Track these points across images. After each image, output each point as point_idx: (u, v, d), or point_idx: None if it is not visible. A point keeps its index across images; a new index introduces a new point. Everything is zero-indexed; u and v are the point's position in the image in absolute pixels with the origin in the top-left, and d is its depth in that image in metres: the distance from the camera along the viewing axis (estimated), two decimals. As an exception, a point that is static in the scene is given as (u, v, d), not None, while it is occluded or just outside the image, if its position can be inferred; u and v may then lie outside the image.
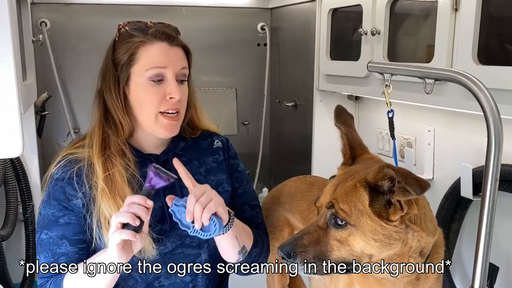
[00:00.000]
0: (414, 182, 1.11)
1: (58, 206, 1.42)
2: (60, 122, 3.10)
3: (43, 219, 1.44)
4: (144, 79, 1.38)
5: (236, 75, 3.45)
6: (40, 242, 1.44)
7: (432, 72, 1.35)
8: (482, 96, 1.16)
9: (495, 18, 1.73)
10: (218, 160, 1.59)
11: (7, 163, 2.41)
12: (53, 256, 1.42)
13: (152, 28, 1.42)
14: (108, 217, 1.37)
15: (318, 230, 1.24)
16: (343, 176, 1.29)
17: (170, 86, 1.38)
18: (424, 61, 1.94)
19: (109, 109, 1.43)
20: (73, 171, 1.42)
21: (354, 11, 2.37)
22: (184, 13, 3.23)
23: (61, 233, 1.42)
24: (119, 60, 1.41)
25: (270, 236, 1.80)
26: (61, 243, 1.42)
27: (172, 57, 1.40)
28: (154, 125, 1.41)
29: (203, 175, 1.54)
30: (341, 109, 1.45)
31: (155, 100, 1.38)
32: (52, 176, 1.45)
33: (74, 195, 1.41)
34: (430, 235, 1.27)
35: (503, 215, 1.77)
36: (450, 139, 2.16)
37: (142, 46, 1.39)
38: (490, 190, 1.17)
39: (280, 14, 3.32)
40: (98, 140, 1.42)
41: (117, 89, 1.42)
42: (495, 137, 1.15)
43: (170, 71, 1.39)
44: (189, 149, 1.56)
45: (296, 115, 3.17)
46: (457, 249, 2.12)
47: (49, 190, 1.44)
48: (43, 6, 2.94)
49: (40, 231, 1.44)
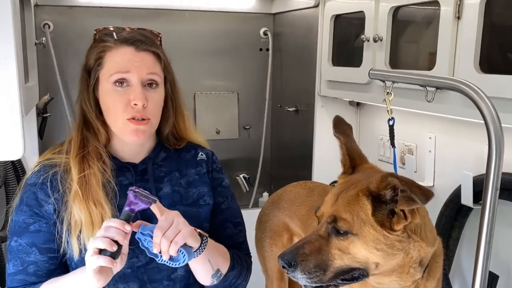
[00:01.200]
0: (419, 191, 1.10)
1: (29, 212, 1.38)
2: (61, 124, 3.10)
3: (14, 226, 1.40)
4: (109, 84, 1.37)
5: (238, 79, 3.45)
6: (10, 250, 1.39)
7: (433, 80, 1.36)
8: (483, 105, 1.16)
9: (497, 27, 1.73)
10: (200, 173, 1.55)
11: (8, 164, 2.41)
12: (22, 264, 1.38)
13: (121, 33, 1.41)
14: (78, 221, 1.34)
15: (319, 239, 1.23)
16: (344, 185, 1.28)
17: (134, 92, 1.35)
18: (426, 69, 1.94)
19: (85, 113, 1.42)
20: (47, 176, 1.39)
21: (357, 17, 2.38)
22: (187, 17, 3.23)
23: (31, 241, 1.38)
24: (89, 64, 1.41)
25: (270, 242, 1.79)
26: (31, 251, 1.37)
27: (137, 61, 1.37)
28: (122, 130, 1.39)
29: (184, 187, 1.50)
30: (340, 119, 1.45)
31: (119, 106, 1.36)
32: (26, 182, 1.42)
33: (45, 201, 1.38)
34: (429, 245, 1.26)
35: (503, 223, 1.77)
36: (451, 146, 2.16)
37: (108, 51, 1.38)
38: (491, 199, 1.17)
39: (282, 19, 3.33)
40: (76, 143, 1.41)
41: (88, 94, 1.41)
42: (496, 146, 1.15)
43: (134, 76, 1.36)
44: (170, 159, 1.52)
45: (298, 121, 3.17)
46: (457, 257, 2.12)
47: (22, 196, 1.41)
48: (47, 9, 2.94)
49: (11, 238, 1.40)
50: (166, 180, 1.49)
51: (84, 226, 1.34)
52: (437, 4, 1.84)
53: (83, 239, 1.35)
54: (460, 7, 1.75)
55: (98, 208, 1.35)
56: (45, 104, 2.73)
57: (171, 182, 1.48)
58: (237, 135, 3.51)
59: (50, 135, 3.01)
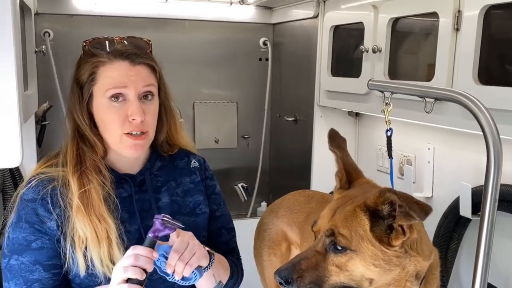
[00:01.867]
0: (417, 206, 1.10)
1: (30, 229, 1.34)
2: (60, 132, 3.05)
3: (12, 244, 1.35)
4: (105, 99, 1.35)
5: (237, 89, 3.46)
6: (9, 268, 1.34)
7: (432, 91, 1.36)
8: (481, 117, 1.16)
9: (496, 39, 1.74)
10: (195, 181, 1.56)
11: (6, 172, 2.40)
12: (25, 283, 1.33)
13: (115, 46, 1.40)
14: (82, 236, 1.32)
15: (316, 255, 1.22)
16: (341, 200, 1.27)
17: (131, 107, 1.34)
18: (425, 80, 1.95)
19: (79, 127, 1.40)
20: (46, 191, 1.35)
21: (356, 28, 2.39)
22: (187, 27, 3.24)
23: (34, 258, 1.34)
24: (81, 79, 1.39)
25: (268, 251, 1.79)
26: (34, 269, 1.33)
27: (133, 76, 1.35)
28: (119, 145, 1.38)
29: (181, 196, 1.51)
30: (335, 132, 1.45)
31: (117, 121, 1.35)
32: (22, 197, 1.37)
33: (47, 217, 1.34)
34: (426, 259, 1.26)
35: (502, 235, 1.77)
36: (449, 157, 2.16)
37: (102, 66, 1.36)
38: (489, 211, 1.17)
39: (282, 29, 3.34)
40: (72, 156, 1.38)
41: (82, 108, 1.39)
42: (495, 158, 1.15)
43: (131, 90, 1.34)
44: (166, 168, 1.52)
45: (296, 130, 3.17)
46: (455, 268, 2.11)
47: (19, 212, 1.36)
48: (47, 17, 2.95)
49: (10, 256, 1.34)
50: (163, 190, 1.49)
51: (90, 242, 1.32)
52: (436, 16, 1.85)
53: (90, 255, 1.33)
54: (459, 19, 1.76)
55: (102, 223, 1.33)
56: (44, 112, 2.73)
57: (169, 192, 1.49)
58: (236, 145, 3.51)
59: (48, 143, 3.00)
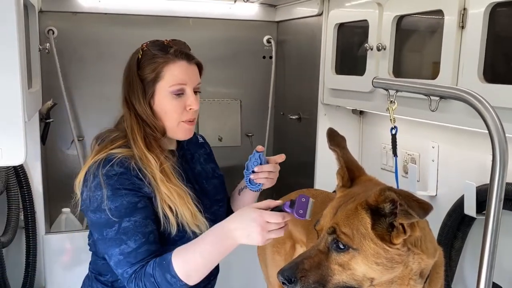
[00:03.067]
0: (417, 205, 1.09)
1: (131, 194, 1.52)
2: (64, 130, 3.10)
3: (118, 211, 1.51)
4: (168, 93, 1.61)
5: (241, 87, 3.46)
6: (123, 232, 1.50)
7: (437, 89, 1.35)
8: (487, 115, 1.16)
9: (501, 36, 1.73)
10: (207, 152, 1.92)
11: (10, 169, 2.41)
12: (143, 236, 1.51)
13: (172, 48, 1.63)
14: (169, 202, 1.55)
15: (319, 254, 1.22)
16: (343, 198, 1.27)
17: (190, 99, 1.63)
18: (430, 78, 1.94)
19: (141, 115, 1.63)
20: (132, 166, 1.55)
21: (360, 26, 2.38)
22: (191, 24, 3.24)
23: (144, 215, 1.53)
24: (145, 77, 1.61)
25: (272, 250, 1.81)
26: (147, 223, 1.53)
27: (190, 74, 1.64)
28: (176, 130, 1.66)
29: (203, 164, 1.84)
30: (333, 131, 1.45)
31: (178, 111, 1.62)
32: (108, 174, 1.52)
33: (142, 184, 1.54)
34: (430, 257, 1.25)
35: (506, 233, 1.76)
36: (454, 156, 2.15)
37: (166, 65, 1.60)
38: (495, 210, 1.16)
39: (286, 27, 3.34)
40: (141, 138, 1.61)
41: (145, 100, 1.62)
42: (500, 156, 1.14)
43: (189, 86, 1.63)
44: (189, 144, 1.83)
45: (300, 128, 3.17)
46: (459, 267, 2.11)
47: (112, 185, 1.51)
48: (51, 15, 2.95)
49: (120, 222, 1.50)
50: (195, 160, 1.82)
51: (179, 206, 1.56)
52: (441, 14, 1.84)
53: (180, 217, 1.56)
54: (464, 17, 1.75)
55: (180, 190, 1.58)
56: (48, 109, 2.74)
57: (198, 162, 1.82)
58: (240, 143, 3.51)
59: (52, 141, 3.02)
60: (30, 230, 2.57)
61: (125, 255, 1.49)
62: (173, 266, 1.44)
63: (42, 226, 2.67)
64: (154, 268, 1.46)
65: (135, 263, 1.48)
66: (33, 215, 2.58)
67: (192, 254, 1.45)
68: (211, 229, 1.48)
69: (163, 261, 1.46)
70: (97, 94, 3.10)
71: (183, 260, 1.44)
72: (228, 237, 1.42)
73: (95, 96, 3.11)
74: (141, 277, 1.47)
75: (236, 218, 1.43)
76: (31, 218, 2.57)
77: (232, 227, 1.41)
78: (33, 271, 2.60)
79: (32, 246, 2.58)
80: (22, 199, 2.53)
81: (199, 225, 1.59)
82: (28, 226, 2.57)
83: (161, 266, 1.45)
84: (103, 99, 3.05)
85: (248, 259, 1.66)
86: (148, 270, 1.46)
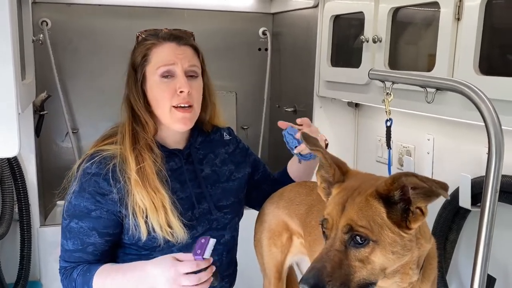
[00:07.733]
0: (438, 185, 1.10)
1: (91, 200, 1.53)
2: (58, 122, 3.09)
3: (74, 209, 1.54)
4: (156, 76, 1.55)
5: (236, 79, 3.44)
6: (69, 229, 1.56)
7: (433, 81, 1.35)
8: (483, 107, 1.15)
9: (497, 29, 1.73)
10: (228, 151, 1.80)
11: (4, 162, 2.40)
12: (81, 244, 1.55)
13: (165, 32, 1.60)
14: (142, 207, 1.51)
15: (337, 254, 1.17)
16: (344, 193, 1.24)
17: (179, 81, 1.54)
18: (425, 70, 1.93)
19: (135, 109, 1.59)
20: (108, 167, 1.53)
21: (356, 18, 2.37)
22: (185, 16, 3.22)
23: (92, 225, 1.54)
24: (135, 61, 1.59)
25: (268, 242, 1.82)
26: (91, 234, 1.54)
27: (180, 54, 1.56)
28: (170, 119, 1.57)
29: (219, 166, 1.74)
30: (306, 134, 1.47)
31: (167, 95, 1.54)
32: (85, 171, 1.54)
33: (109, 190, 1.52)
34: (427, 241, 1.26)
35: (501, 225, 1.76)
36: (449, 148, 2.15)
37: (154, 48, 1.57)
38: (490, 202, 1.16)
39: (282, 19, 3.32)
40: (129, 136, 1.56)
41: (137, 89, 1.58)
42: (496, 148, 1.14)
43: (178, 67, 1.55)
44: (205, 143, 1.75)
45: (296, 121, 3.16)
46: (454, 260, 2.11)
47: (82, 183, 1.53)
48: (45, 6, 2.93)
49: (70, 219, 1.55)
50: (205, 162, 1.72)
51: (149, 211, 1.52)
52: (437, 6, 1.84)
53: (150, 222, 1.53)
54: (460, 9, 1.74)
55: (157, 194, 1.52)
56: (42, 101, 2.72)
57: (209, 164, 1.72)
58: (235, 135, 3.50)
59: (47, 133, 3.00)
60: (24, 222, 2.56)
61: (63, 250, 1.59)
62: (92, 282, 1.51)
63: (37, 219, 2.66)
64: (79, 275, 1.53)
65: (68, 261, 1.58)
66: (27, 207, 2.57)
67: (111, 281, 1.51)
68: (136, 267, 1.51)
69: (87, 273, 1.53)
70: (91, 86, 3.09)
71: (102, 283, 1.51)
72: (147, 282, 1.47)
73: (90, 88, 3.10)
74: (68, 277, 1.56)
75: (158, 264, 1.46)
76: (26, 211, 2.56)
77: (151, 274, 1.46)
78: (27, 263, 2.59)
79: (26, 239, 2.58)
80: (16, 192, 2.52)
81: (174, 232, 1.54)
82: (23, 219, 2.56)
83: (84, 276, 1.53)
84: (98, 91, 3.03)
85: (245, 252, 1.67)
86: (73, 275, 1.55)
